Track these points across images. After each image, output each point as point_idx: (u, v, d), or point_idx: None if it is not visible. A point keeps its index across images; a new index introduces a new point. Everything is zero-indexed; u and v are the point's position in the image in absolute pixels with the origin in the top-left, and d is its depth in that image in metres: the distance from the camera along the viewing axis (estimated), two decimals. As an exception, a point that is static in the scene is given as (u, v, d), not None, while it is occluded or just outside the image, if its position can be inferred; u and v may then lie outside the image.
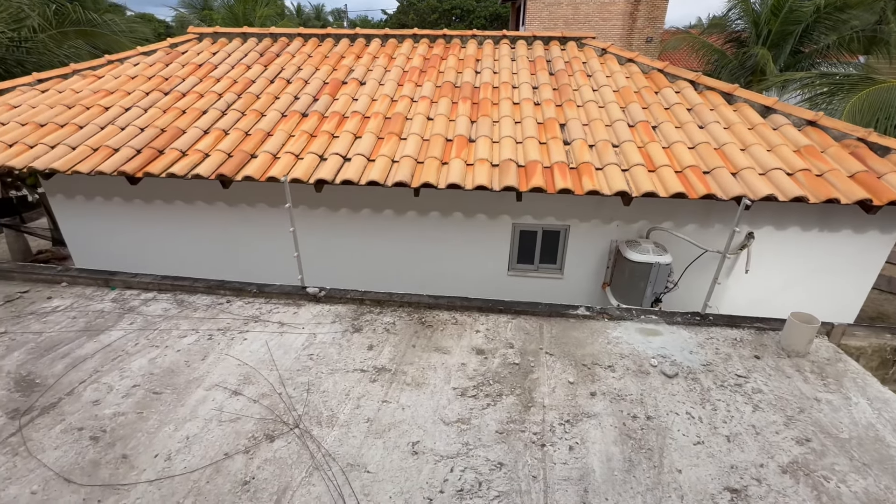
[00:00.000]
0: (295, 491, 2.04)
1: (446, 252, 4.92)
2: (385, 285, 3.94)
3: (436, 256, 4.96)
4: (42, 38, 8.07)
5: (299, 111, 4.96)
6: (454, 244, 4.88)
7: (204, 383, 2.70)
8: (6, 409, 2.49)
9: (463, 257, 4.92)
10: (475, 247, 4.85)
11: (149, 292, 3.71)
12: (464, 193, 4.24)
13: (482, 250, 4.87)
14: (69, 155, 4.36)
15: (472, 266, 4.95)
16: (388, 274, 5.03)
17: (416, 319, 3.41)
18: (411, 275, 5.00)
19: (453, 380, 2.79)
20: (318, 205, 4.86)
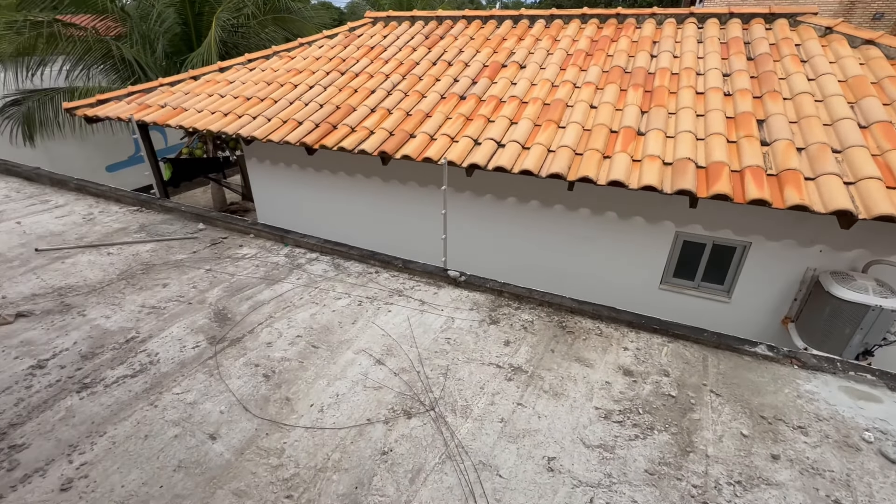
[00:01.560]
0: (428, 475, 2.06)
1: (592, 253, 4.56)
2: (520, 278, 3.79)
3: (579, 256, 4.63)
4: (252, 24, 9.57)
5: (458, 94, 4.99)
6: (602, 246, 4.48)
7: (353, 346, 2.90)
8: (207, 334, 3.00)
9: (610, 261, 4.50)
10: (626, 252, 4.39)
11: (313, 252, 4.15)
12: (622, 192, 3.83)
13: (634, 257, 4.38)
14: (265, 125, 5.07)
15: (619, 272, 4.51)
16: (525, 267, 4.87)
17: (556, 322, 3.20)
18: (550, 271, 4.77)
19: (596, 398, 2.53)
20: (464, 188, 4.89)
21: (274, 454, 2.14)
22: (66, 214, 4.90)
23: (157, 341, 2.91)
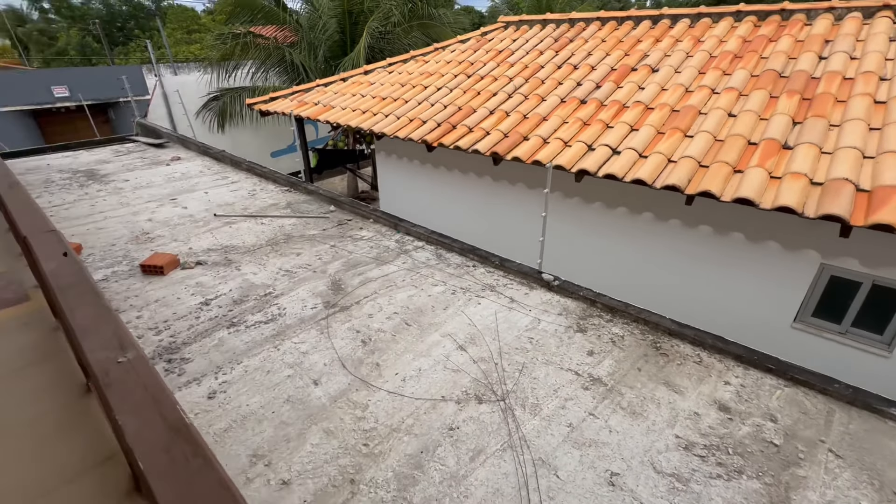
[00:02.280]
0: (488, 458, 2.18)
1: (708, 276, 4.13)
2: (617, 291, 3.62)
3: (691, 277, 4.23)
4: (397, 31, 10.52)
5: (578, 98, 4.91)
6: (722, 269, 4.03)
7: (441, 330, 3.14)
8: (324, 299, 3.52)
9: (730, 288, 4.03)
10: (752, 280, 3.89)
11: (419, 241, 4.52)
12: (753, 212, 3.40)
13: (762, 286, 3.86)
14: (394, 123, 5.62)
15: (740, 301, 4.01)
16: (624, 279, 4.62)
17: (649, 341, 3.03)
18: (652, 289, 4.45)
19: (679, 426, 2.37)
20: (573, 194, 4.81)
21: (360, 407, 2.47)
22: (237, 189, 6.08)
23: (286, 298, 3.52)
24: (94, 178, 6.60)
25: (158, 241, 4.51)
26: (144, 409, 0.81)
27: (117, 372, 0.90)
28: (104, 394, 0.85)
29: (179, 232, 4.72)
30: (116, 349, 0.96)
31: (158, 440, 0.74)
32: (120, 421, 0.78)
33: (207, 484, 0.67)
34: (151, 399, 0.83)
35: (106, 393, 0.84)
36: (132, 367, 0.91)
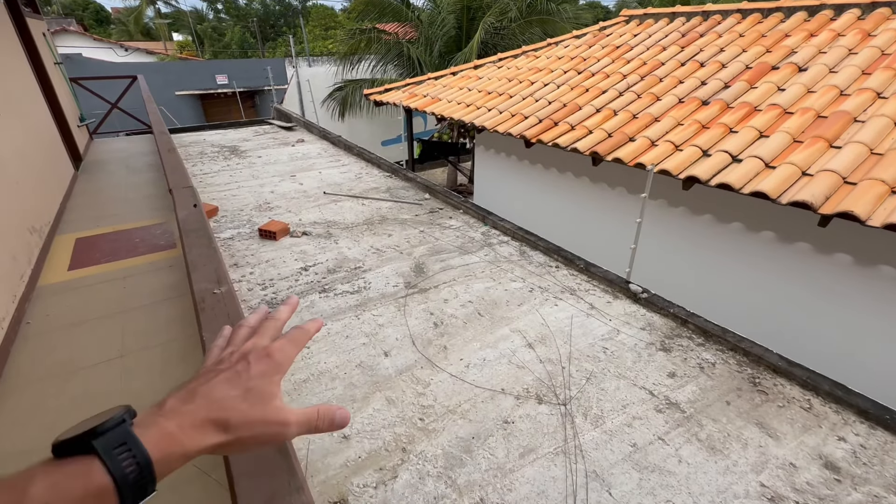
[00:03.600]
0: (538, 457, 2.14)
1: (838, 313, 3.49)
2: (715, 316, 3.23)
3: (813, 312, 3.61)
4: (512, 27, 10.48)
5: (700, 98, 4.45)
6: (858, 307, 3.38)
7: (511, 325, 3.12)
8: (406, 279, 3.71)
9: (866, 331, 3.36)
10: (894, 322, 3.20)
11: (505, 236, 4.51)
12: (915, 243, 2.79)
13: (912, 335, 3.16)
14: (496, 117, 5.65)
15: (877, 350, 3.33)
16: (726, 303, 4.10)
17: (746, 375, 2.67)
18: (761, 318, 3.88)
19: (766, 475, 2.07)
20: (678, 203, 4.39)
21: (421, 384, 2.58)
22: (346, 171, 6.64)
23: (372, 274, 3.78)
24: (235, 153, 7.71)
25: (276, 210, 5.13)
26: (224, 332, 0.96)
27: (211, 300, 1.07)
28: (198, 315, 1.03)
29: (293, 204, 5.32)
30: (214, 282, 1.15)
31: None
32: (203, 337, 0.94)
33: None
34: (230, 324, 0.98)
35: (199, 315, 1.02)
36: (223, 297, 1.08)
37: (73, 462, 0.35)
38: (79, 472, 0.35)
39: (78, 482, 0.34)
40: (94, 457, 0.35)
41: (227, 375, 0.44)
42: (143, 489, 0.37)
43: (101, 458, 0.35)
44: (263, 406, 0.44)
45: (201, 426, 0.40)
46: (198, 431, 0.40)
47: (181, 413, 0.40)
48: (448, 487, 1.99)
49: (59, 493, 0.33)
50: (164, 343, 2.75)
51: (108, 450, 0.36)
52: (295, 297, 0.61)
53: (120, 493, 0.35)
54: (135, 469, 0.36)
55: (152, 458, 0.37)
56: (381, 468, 2.08)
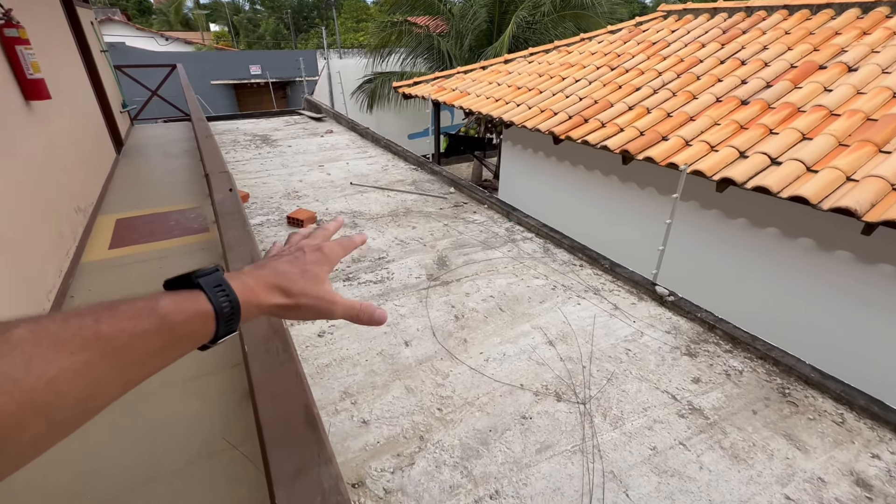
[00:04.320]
0: (555, 454, 2.13)
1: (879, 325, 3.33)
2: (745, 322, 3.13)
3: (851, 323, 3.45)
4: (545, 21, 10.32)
5: (739, 97, 4.29)
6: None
7: (532, 321, 3.11)
8: (428, 271, 3.74)
9: (909, 346, 3.20)
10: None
11: (529, 232, 4.48)
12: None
13: (960, 353, 2.99)
14: (524, 113, 5.59)
15: (923, 367, 3.16)
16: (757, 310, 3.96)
17: (775, 384, 2.59)
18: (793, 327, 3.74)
19: (792, 487, 2.01)
20: (711, 205, 4.26)
21: (441, 374, 2.61)
22: (373, 163, 6.70)
23: (396, 265, 3.82)
24: (266, 141, 7.89)
25: (304, 199, 5.24)
26: (257, 310, 1.00)
27: (245, 280, 1.11)
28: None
29: (321, 194, 5.42)
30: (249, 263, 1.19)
31: (261, 335, 0.92)
32: (239, 314, 0.97)
33: (287, 373, 0.81)
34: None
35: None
36: (256, 278, 1.12)
37: (184, 292, 0.45)
38: (190, 298, 0.44)
39: (191, 305, 0.44)
40: (200, 291, 0.45)
41: (288, 259, 0.56)
42: (231, 324, 0.46)
43: (205, 292, 0.45)
44: (317, 284, 0.54)
45: (271, 288, 0.51)
46: (268, 291, 0.51)
47: (257, 276, 0.51)
48: (464, 477, 2.02)
49: (178, 309, 0.43)
50: (196, 322, 2.85)
51: (210, 286, 0.45)
52: (340, 217, 0.73)
53: (217, 320, 0.45)
54: (227, 304, 0.46)
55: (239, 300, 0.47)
56: (398, 454, 2.12)
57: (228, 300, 0.46)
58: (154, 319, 0.40)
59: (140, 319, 0.40)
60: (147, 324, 0.40)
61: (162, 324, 0.41)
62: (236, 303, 0.46)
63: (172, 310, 0.42)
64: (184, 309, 0.43)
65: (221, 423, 2.05)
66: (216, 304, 0.45)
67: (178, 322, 0.42)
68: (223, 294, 0.46)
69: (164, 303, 0.42)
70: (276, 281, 0.52)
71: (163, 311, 0.41)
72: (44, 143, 3.43)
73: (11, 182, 2.70)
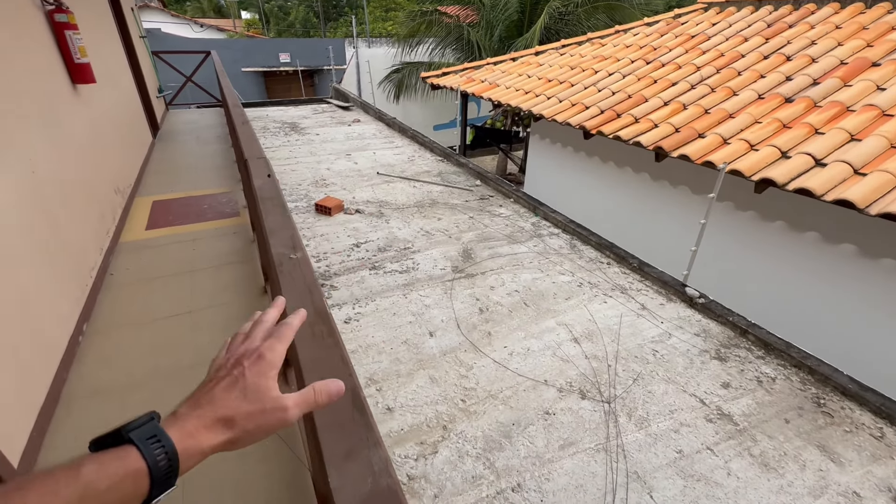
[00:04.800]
0: (578, 452, 2.12)
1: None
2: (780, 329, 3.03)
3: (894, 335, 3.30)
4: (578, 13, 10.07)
5: (783, 95, 4.11)
6: (950, 336, 3.05)
7: (558, 318, 3.09)
8: (453, 263, 3.74)
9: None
10: None
11: (556, 228, 4.42)
12: None
13: None
14: (555, 106, 5.49)
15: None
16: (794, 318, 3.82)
17: (810, 394, 2.51)
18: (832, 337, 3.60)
19: (825, 500, 1.95)
20: (747, 207, 4.11)
21: (465, 366, 2.62)
22: (400, 153, 6.72)
23: (421, 255, 3.84)
24: (295, 129, 8.00)
25: (331, 187, 5.30)
26: (301, 295, 1.02)
27: (288, 265, 1.14)
28: (277, 278, 1.10)
29: (348, 182, 5.47)
30: (290, 248, 1.22)
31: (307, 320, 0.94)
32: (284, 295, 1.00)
33: (333, 358, 0.83)
34: (307, 289, 1.04)
35: (279, 278, 1.09)
36: (298, 263, 1.15)
37: (112, 451, 0.40)
38: (119, 456, 0.40)
39: (119, 464, 0.39)
40: (131, 446, 0.40)
41: (227, 381, 0.49)
42: (169, 478, 0.41)
43: (136, 447, 0.40)
44: (261, 399, 0.48)
45: (212, 426, 0.45)
46: (209, 431, 0.45)
47: (193, 417, 0.45)
48: (486, 469, 2.03)
49: (104, 473, 0.38)
50: (228, 303, 2.95)
51: (142, 439, 0.41)
52: (281, 299, 0.65)
53: (151, 477, 0.40)
54: (164, 458, 0.41)
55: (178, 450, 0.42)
56: (422, 442, 2.15)
57: (164, 452, 0.41)
58: (74, 489, 0.36)
59: (56, 495, 0.36)
60: (65, 497, 0.36)
61: (85, 492, 0.36)
62: (174, 454, 0.41)
63: (95, 476, 0.38)
64: (110, 472, 0.38)
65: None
66: (150, 458, 0.40)
67: (103, 489, 0.37)
68: (158, 446, 0.41)
69: (87, 469, 0.38)
70: (217, 414, 0.45)
71: (85, 478, 0.37)
72: (88, 125, 3.57)
73: (61, 163, 2.82)
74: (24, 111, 2.49)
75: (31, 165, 2.40)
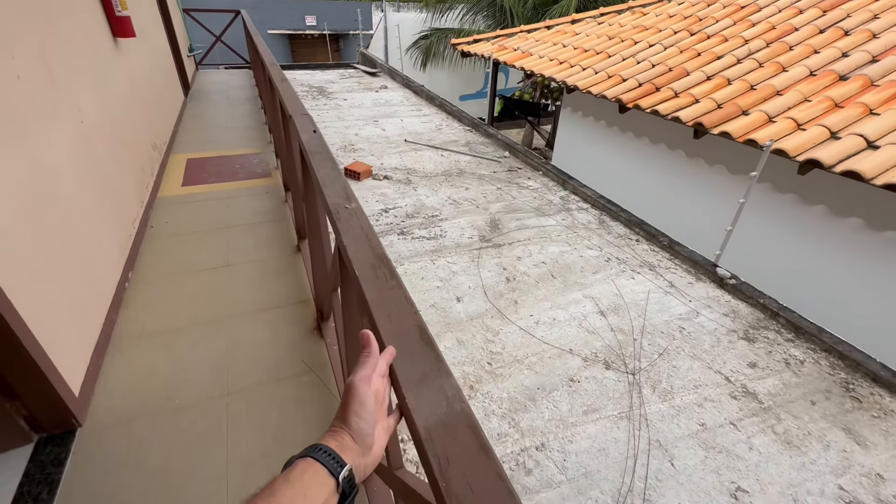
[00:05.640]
0: (601, 418, 2.18)
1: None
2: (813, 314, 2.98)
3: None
4: (619, -21, 9.56)
5: (838, 72, 3.89)
6: None
7: (585, 291, 3.10)
8: (480, 232, 3.75)
9: None
10: None
11: (585, 203, 4.37)
12: None
13: None
14: (590, 77, 5.32)
15: None
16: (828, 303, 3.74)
17: (839, 379, 2.49)
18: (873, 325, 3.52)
19: (847, 479, 1.97)
20: (787, 189, 3.97)
21: (491, 331, 2.67)
22: (427, 122, 6.65)
23: (449, 223, 3.86)
24: (323, 93, 7.96)
25: (360, 152, 5.31)
26: (360, 240, 1.06)
27: (344, 213, 1.17)
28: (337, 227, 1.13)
29: (376, 149, 5.47)
30: (344, 199, 1.25)
31: (368, 261, 0.98)
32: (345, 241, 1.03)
33: (398, 298, 0.87)
34: (364, 235, 1.08)
35: (338, 226, 1.12)
36: (353, 212, 1.18)
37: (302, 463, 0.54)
38: (306, 469, 0.54)
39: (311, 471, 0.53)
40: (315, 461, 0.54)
41: (382, 427, 0.65)
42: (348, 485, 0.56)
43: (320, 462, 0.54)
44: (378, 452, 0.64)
45: (373, 463, 0.63)
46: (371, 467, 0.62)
47: (366, 464, 0.61)
48: (511, 428, 2.10)
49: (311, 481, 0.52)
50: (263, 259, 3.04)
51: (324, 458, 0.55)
52: (392, 348, 0.74)
53: (335, 477, 0.54)
54: (344, 469, 0.55)
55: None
56: (449, 400, 2.22)
57: (341, 466, 0.55)
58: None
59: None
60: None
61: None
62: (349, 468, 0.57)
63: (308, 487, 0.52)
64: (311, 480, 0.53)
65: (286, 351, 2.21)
66: (331, 468, 0.54)
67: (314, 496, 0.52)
68: (335, 463, 0.55)
69: (294, 471, 0.53)
70: (376, 456, 0.63)
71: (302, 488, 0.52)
72: (128, 80, 3.63)
73: (107, 117, 2.90)
74: (74, 63, 2.55)
75: (81, 115, 2.47)
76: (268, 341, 2.28)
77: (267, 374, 2.10)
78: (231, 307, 2.59)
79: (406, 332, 0.80)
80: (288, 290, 2.63)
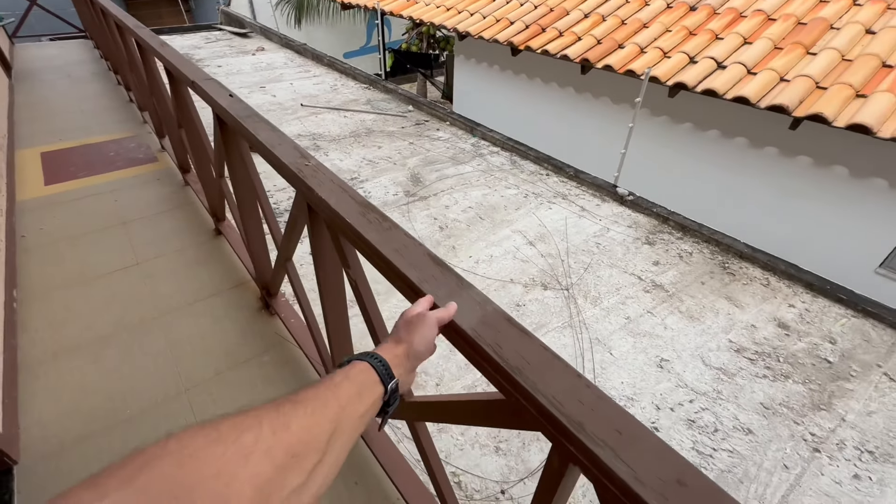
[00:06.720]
0: (549, 331, 2.47)
1: (796, 210, 3.94)
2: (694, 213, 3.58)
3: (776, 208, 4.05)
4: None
5: (688, 3, 4.44)
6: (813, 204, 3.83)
7: (512, 226, 3.34)
8: (404, 188, 3.78)
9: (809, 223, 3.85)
10: (840, 216, 3.68)
11: (495, 147, 4.58)
12: (867, 143, 3.14)
13: (849, 225, 3.66)
14: (480, 22, 5.40)
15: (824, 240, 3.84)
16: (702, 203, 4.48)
17: (718, 262, 3.08)
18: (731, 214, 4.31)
19: (733, 333, 2.51)
20: (661, 112, 4.56)
21: (438, 278, 2.80)
22: (320, 83, 6.26)
23: (371, 184, 3.81)
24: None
25: (254, 123, 4.88)
26: (337, 192, 1.07)
27: (308, 170, 1.16)
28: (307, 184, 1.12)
29: (271, 117, 5.06)
30: (300, 157, 1.22)
31: (355, 210, 1.00)
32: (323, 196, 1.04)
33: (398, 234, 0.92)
34: (339, 187, 1.09)
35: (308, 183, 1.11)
36: (317, 169, 1.17)
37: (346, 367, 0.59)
38: (352, 366, 0.59)
39: (356, 370, 0.58)
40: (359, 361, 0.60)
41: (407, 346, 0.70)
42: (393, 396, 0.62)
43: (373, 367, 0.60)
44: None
45: (407, 385, 0.69)
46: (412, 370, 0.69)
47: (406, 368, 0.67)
48: (476, 356, 2.29)
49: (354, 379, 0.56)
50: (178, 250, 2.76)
51: (385, 375, 0.60)
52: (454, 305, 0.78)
53: (384, 385, 0.59)
54: (380, 363, 0.61)
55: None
56: (414, 346, 2.34)
57: (379, 361, 0.61)
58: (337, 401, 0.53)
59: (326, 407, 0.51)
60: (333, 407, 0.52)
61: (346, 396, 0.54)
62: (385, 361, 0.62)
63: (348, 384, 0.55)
64: (355, 377, 0.57)
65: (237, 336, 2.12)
66: (372, 363, 0.60)
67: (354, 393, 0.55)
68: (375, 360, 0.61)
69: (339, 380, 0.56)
70: (412, 381, 0.72)
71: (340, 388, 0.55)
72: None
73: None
74: None
75: None
76: (213, 331, 2.15)
77: (224, 362, 2.01)
78: (159, 305, 2.36)
79: (420, 261, 0.86)
80: (218, 277, 2.46)
